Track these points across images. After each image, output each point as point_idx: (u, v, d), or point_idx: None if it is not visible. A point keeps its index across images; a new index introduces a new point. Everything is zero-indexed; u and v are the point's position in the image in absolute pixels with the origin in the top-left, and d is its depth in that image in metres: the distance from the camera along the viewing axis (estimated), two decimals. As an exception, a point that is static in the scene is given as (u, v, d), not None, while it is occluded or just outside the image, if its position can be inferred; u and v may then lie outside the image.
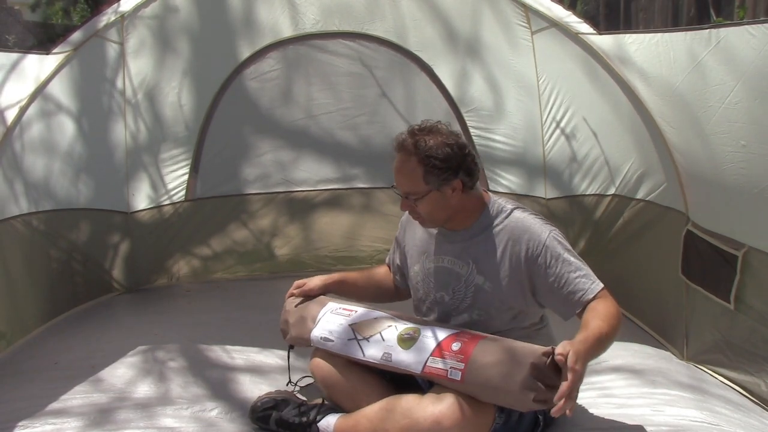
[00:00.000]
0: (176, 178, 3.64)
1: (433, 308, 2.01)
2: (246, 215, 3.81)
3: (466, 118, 3.61)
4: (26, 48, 8.77)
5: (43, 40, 9.04)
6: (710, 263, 2.34)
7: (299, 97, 3.71)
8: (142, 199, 3.58)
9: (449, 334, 1.81)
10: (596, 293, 1.80)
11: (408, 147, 1.85)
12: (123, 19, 3.17)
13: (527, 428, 1.83)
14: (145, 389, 2.23)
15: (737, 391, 2.23)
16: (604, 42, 2.78)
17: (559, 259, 1.82)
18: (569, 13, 2.99)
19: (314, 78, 3.69)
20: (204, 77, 3.57)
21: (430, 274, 2.00)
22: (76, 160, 3.17)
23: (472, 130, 3.59)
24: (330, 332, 1.97)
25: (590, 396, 2.12)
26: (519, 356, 1.69)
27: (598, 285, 1.82)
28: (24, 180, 2.86)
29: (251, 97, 3.68)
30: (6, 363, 2.52)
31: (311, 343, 2.04)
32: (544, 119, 3.43)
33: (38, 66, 2.86)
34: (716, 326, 2.34)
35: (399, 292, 2.25)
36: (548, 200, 3.51)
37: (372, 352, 1.87)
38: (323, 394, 2.04)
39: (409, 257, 2.11)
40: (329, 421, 1.89)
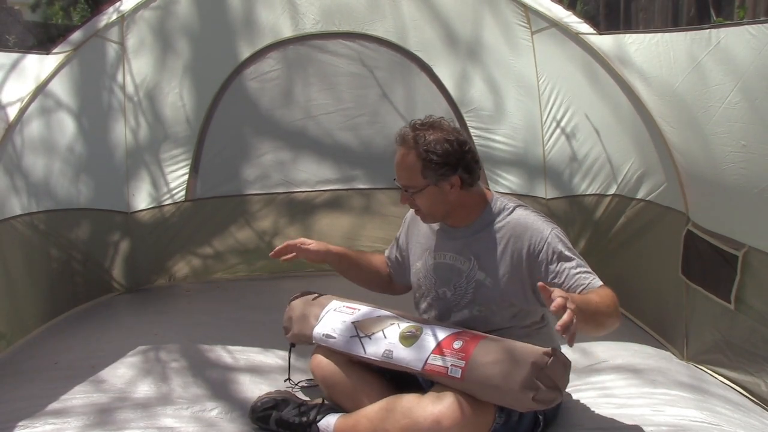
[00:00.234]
0: (176, 178, 3.64)
1: (435, 304, 2.01)
2: (246, 216, 3.81)
3: (466, 119, 3.61)
4: (26, 48, 8.77)
5: (43, 40, 9.03)
6: (710, 263, 2.34)
7: (299, 98, 3.71)
8: (143, 199, 3.58)
9: (451, 333, 1.82)
10: (596, 288, 1.80)
11: (408, 141, 1.88)
12: (123, 19, 3.17)
13: (527, 428, 1.83)
14: (145, 389, 2.23)
15: (737, 391, 2.23)
16: (604, 42, 2.78)
17: (561, 256, 1.82)
18: (569, 13, 2.99)
19: (314, 78, 3.69)
20: (204, 77, 3.56)
21: (432, 270, 2.01)
22: (76, 160, 3.17)
23: (473, 131, 3.59)
24: (332, 329, 1.97)
25: (590, 396, 2.12)
26: (520, 356, 1.70)
27: (599, 282, 1.82)
28: (24, 180, 2.86)
29: (251, 98, 3.68)
30: (6, 363, 2.52)
31: (313, 340, 2.04)
32: (544, 119, 3.44)
33: (38, 66, 2.85)
34: (716, 326, 2.34)
35: (392, 286, 2.26)
36: (548, 200, 3.51)
37: (373, 350, 1.87)
38: (323, 394, 2.04)
39: (412, 254, 2.12)
40: (329, 421, 1.89)
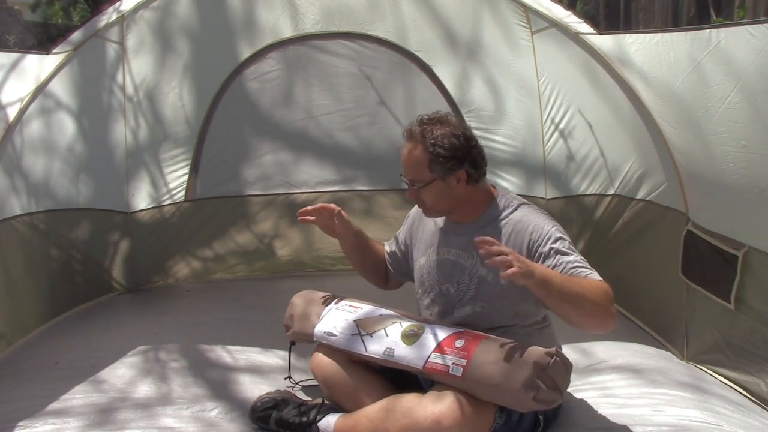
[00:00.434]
0: (176, 179, 3.64)
1: (437, 300, 2.01)
2: (246, 216, 3.81)
3: (467, 119, 3.59)
4: (26, 48, 8.76)
5: (43, 40, 9.03)
6: (710, 263, 2.34)
7: (299, 98, 3.71)
8: (142, 199, 3.58)
9: (452, 332, 1.82)
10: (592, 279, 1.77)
11: (415, 135, 1.90)
12: (123, 19, 3.17)
13: (527, 428, 1.83)
14: (145, 389, 2.22)
15: (737, 391, 2.23)
16: (604, 42, 2.78)
17: (559, 252, 1.83)
18: (569, 13, 2.98)
19: (314, 79, 3.69)
20: (204, 77, 3.56)
21: (436, 267, 2.01)
22: (76, 160, 3.17)
23: (473, 131, 3.59)
24: (334, 327, 1.97)
25: (590, 396, 2.12)
26: (522, 355, 1.70)
27: (597, 276, 1.79)
28: (24, 180, 2.86)
29: (251, 98, 3.68)
30: (6, 363, 2.52)
31: (314, 338, 2.04)
32: (545, 119, 3.44)
33: (38, 66, 2.85)
34: (716, 326, 2.34)
35: (386, 280, 2.26)
36: (548, 200, 3.51)
37: (374, 348, 1.87)
38: (323, 394, 2.04)
39: (416, 250, 2.12)
40: (329, 421, 1.89)
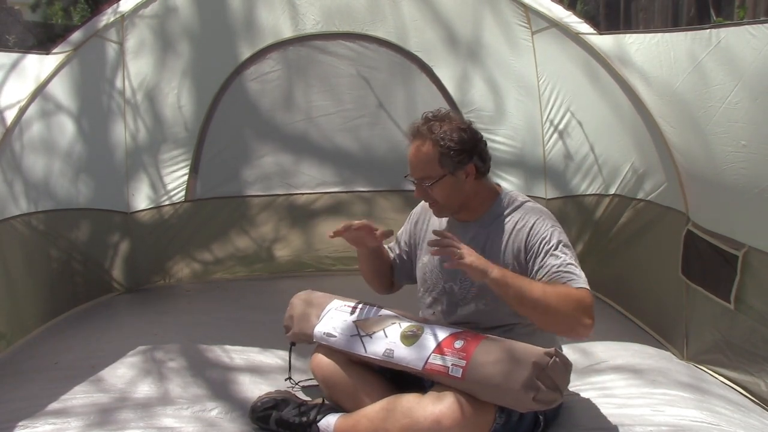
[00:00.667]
0: (176, 179, 3.64)
1: (441, 299, 2.01)
2: (246, 217, 3.81)
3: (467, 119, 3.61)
4: (26, 48, 8.76)
5: (43, 40, 9.02)
6: (710, 263, 2.34)
7: (299, 99, 3.71)
8: (142, 200, 3.58)
9: (452, 333, 1.81)
10: (573, 287, 1.77)
11: (423, 132, 1.90)
12: (123, 19, 3.17)
13: (527, 428, 1.83)
14: (145, 389, 2.22)
15: (737, 391, 2.22)
16: (604, 42, 2.78)
17: (550, 253, 1.83)
18: (569, 13, 2.99)
19: (314, 79, 3.69)
20: (204, 78, 3.56)
21: (439, 265, 2.01)
22: (76, 160, 3.17)
23: (473, 130, 3.59)
24: (333, 328, 1.97)
25: (590, 396, 2.12)
26: (521, 356, 1.70)
27: (579, 284, 1.78)
28: (24, 180, 2.86)
29: (251, 98, 3.68)
30: (6, 363, 2.52)
31: (313, 339, 2.04)
32: (545, 120, 3.44)
33: (38, 66, 2.86)
34: (716, 326, 2.34)
35: (392, 286, 2.25)
36: (549, 200, 3.51)
37: (374, 349, 1.87)
38: (323, 394, 2.03)
39: (419, 249, 2.12)
40: (329, 421, 1.89)
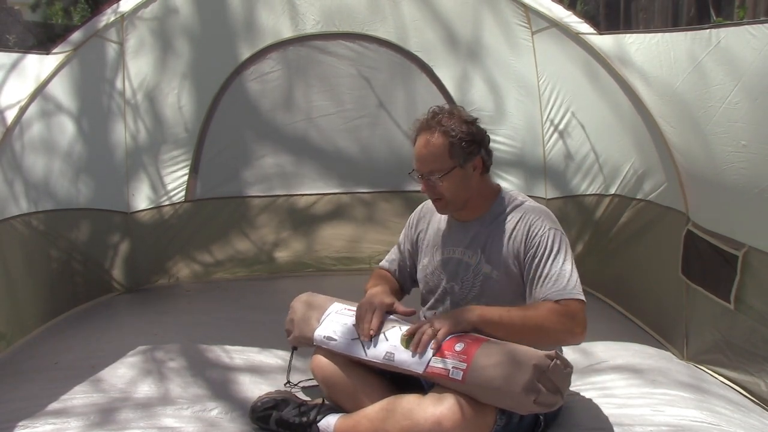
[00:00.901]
0: (176, 179, 3.64)
1: (443, 299, 2.02)
2: (246, 218, 3.81)
3: (467, 119, 3.61)
4: (26, 48, 8.76)
5: (43, 40, 9.03)
6: (710, 263, 2.34)
7: (299, 99, 3.71)
8: (142, 200, 3.58)
9: (452, 335, 1.81)
10: (562, 298, 1.79)
11: (432, 124, 1.91)
12: (123, 20, 3.17)
13: (528, 429, 1.83)
14: (146, 389, 2.22)
15: (737, 391, 2.22)
16: (605, 42, 2.78)
17: (545, 258, 1.84)
18: (569, 13, 2.98)
19: (314, 79, 3.69)
20: (204, 78, 3.56)
21: (440, 265, 2.01)
22: (76, 160, 3.17)
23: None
24: (334, 331, 1.97)
25: (590, 396, 2.12)
26: (521, 358, 1.69)
27: (571, 293, 1.79)
28: (24, 180, 2.86)
29: (251, 98, 3.68)
30: (6, 363, 2.52)
31: (314, 342, 2.04)
32: (545, 120, 3.44)
33: (38, 66, 2.86)
34: (716, 326, 2.34)
35: (403, 293, 2.23)
36: (549, 200, 3.51)
37: (374, 352, 1.87)
38: (323, 394, 2.03)
39: (420, 251, 2.12)
40: (329, 421, 1.88)
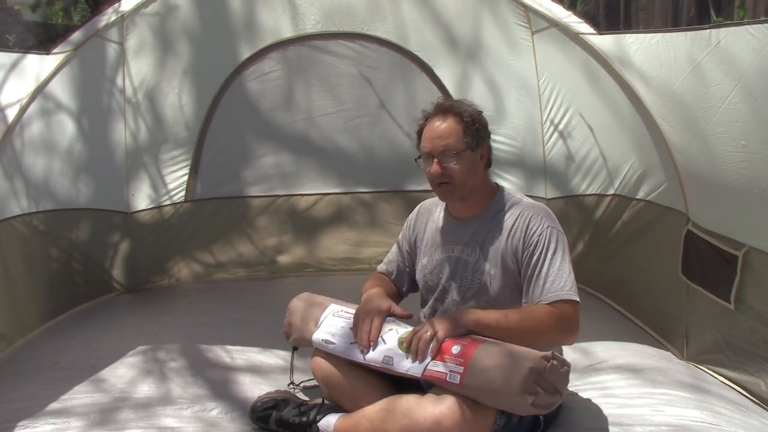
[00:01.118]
0: (176, 179, 3.64)
1: (442, 299, 2.02)
2: (246, 218, 3.81)
3: (467, 118, 3.61)
4: (26, 48, 8.76)
5: (43, 40, 9.03)
6: (710, 263, 2.34)
7: (299, 98, 3.72)
8: (142, 200, 3.58)
9: (449, 338, 1.81)
10: (559, 300, 1.80)
11: (445, 108, 1.94)
12: (123, 19, 3.17)
13: (527, 429, 1.83)
14: (146, 389, 2.23)
15: (737, 391, 2.22)
16: (604, 42, 2.78)
17: (542, 257, 1.85)
18: (569, 13, 2.98)
19: (314, 79, 3.70)
20: (204, 77, 3.57)
21: (439, 265, 2.02)
22: (76, 160, 3.17)
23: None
24: (332, 335, 1.97)
25: (590, 396, 2.12)
26: (518, 360, 1.69)
27: (567, 294, 1.81)
28: (24, 180, 2.86)
29: (251, 98, 3.68)
30: (6, 363, 2.52)
31: (313, 345, 2.04)
32: (545, 119, 3.44)
33: (38, 66, 2.86)
34: (716, 326, 2.34)
35: (399, 297, 2.22)
36: (549, 200, 3.51)
37: (373, 356, 1.87)
38: (323, 394, 2.04)
39: (418, 252, 2.12)
40: (329, 421, 1.88)
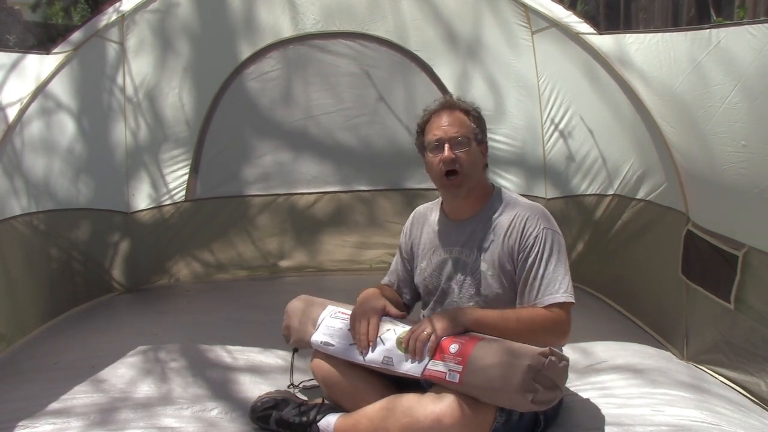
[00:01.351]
0: (176, 179, 3.64)
1: (442, 300, 2.02)
2: (246, 217, 3.81)
3: (467, 118, 3.61)
4: (26, 48, 8.76)
5: (44, 40, 9.03)
6: (710, 263, 2.34)
7: (299, 98, 3.72)
8: (142, 199, 3.58)
9: (447, 336, 1.81)
10: (555, 302, 1.83)
11: (452, 103, 2.00)
12: (123, 19, 3.17)
13: (527, 427, 1.83)
14: (146, 389, 2.23)
15: (737, 391, 2.22)
16: (604, 42, 2.78)
17: (538, 258, 1.86)
18: (569, 13, 2.98)
19: (314, 78, 3.70)
20: (204, 77, 3.57)
21: (438, 267, 2.02)
22: (76, 160, 3.17)
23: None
24: (330, 336, 1.97)
25: (590, 396, 2.12)
26: (516, 357, 1.69)
27: (563, 296, 1.83)
28: (24, 179, 2.86)
29: (251, 98, 3.68)
30: (6, 363, 2.52)
31: (312, 346, 2.04)
32: (545, 119, 3.44)
33: (38, 66, 2.86)
34: (716, 326, 2.34)
35: (406, 308, 2.20)
36: (548, 200, 3.51)
37: (372, 357, 1.87)
38: (323, 394, 2.04)
39: (416, 257, 2.12)
40: (329, 421, 1.89)
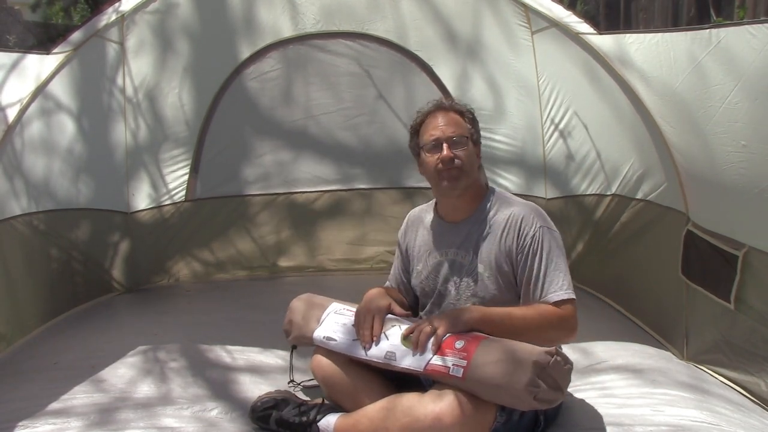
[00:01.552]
0: (176, 179, 3.64)
1: (439, 302, 2.02)
2: (246, 216, 3.82)
3: (467, 118, 3.61)
4: (26, 48, 8.76)
5: (44, 40, 9.03)
6: (710, 263, 2.34)
7: (299, 97, 3.72)
8: (142, 199, 3.58)
9: (452, 333, 1.81)
10: (559, 299, 1.83)
11: (446, 105, 2.02)
12: (123, 19, 3.17)
13: (528, 427, 1.83)
14: (146, 389, 2.23)
15: (737, 391, 2.22)
16: (604, 42, 2.78)
17: (537, 255, 1.86)
18: (569, 13, 2.98)
19: (314, 78, 3.70)
20: (204, 77, 3.57)
21: (434, 269, 2.02)
22: (76, 160, 3.18)
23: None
24: (334, 332, 1.97)
25: (590, 396, 2.12)
26: (521, 355, 1.70)
27: (566, 294, 1.84)
28: (24, 180, 2.86)
29: (251, 97, 3.68)
30: (6, 363, 2.52)
31: (314, 342, 2.04)
32: (545, 119, 3.44)
33: (38, 66, 2.86)
34: (716, 326, 2.34)
35: (412, 310, 2.19)
36: (548, 200, 3.51)
37: (375, 352, 1.87)
38: (323, 394, 2.04)
39: (412, 260, 2.12)
40: (329, 421, 1.89)
